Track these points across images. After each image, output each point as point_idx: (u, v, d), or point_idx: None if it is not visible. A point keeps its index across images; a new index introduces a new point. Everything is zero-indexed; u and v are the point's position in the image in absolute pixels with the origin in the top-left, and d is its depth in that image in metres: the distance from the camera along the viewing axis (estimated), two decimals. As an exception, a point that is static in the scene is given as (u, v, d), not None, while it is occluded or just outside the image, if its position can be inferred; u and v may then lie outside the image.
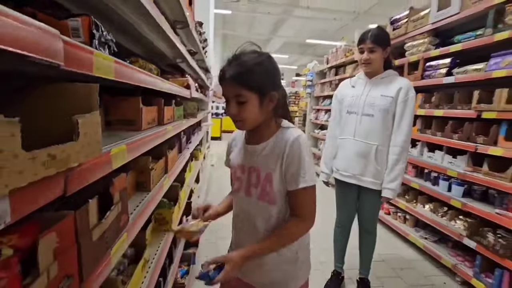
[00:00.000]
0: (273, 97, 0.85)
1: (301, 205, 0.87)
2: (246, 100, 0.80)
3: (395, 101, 1.76)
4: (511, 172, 1.83)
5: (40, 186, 0.35)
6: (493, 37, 1.96)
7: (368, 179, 1.82)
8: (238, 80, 0.79)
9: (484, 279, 1.97)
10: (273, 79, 0.85)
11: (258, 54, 0.84)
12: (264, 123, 0.89)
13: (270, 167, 0.87)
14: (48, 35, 0.37)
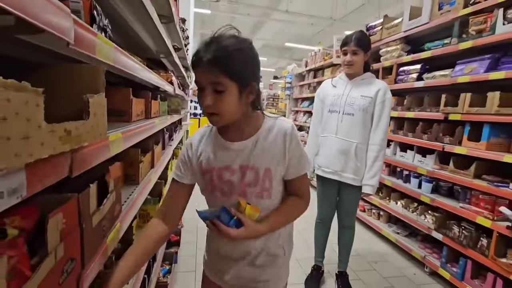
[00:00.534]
0: (254, 88, 0.77)
1: (304, 187, 0.89)
2: (224, 89, 0.71)
3: (373, 102, 1.86)
4: (473, 169, 2.01)
5: (53, 162, 0.35)
6: (458, 46, 2.14)
7: (348, 175, 1.90)
8: (217, 65, 0.69)
9: (450, 269, 2.13)
10: (254, 68, 0.77)
11: (239, 40, 0.74)
12: (244, 117, 0.80)
13: (270, 162, 0.81)
14: (63, 13, 0.37)
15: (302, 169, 0.86)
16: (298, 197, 0.88)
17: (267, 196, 0.83)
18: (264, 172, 0.81)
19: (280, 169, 0.83)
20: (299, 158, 0.84)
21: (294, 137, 0.82)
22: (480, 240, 1.92)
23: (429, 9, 2.41)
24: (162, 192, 1.55)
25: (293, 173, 0.85)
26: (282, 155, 0.82)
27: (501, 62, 1.93)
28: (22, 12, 0.30)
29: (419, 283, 2.24)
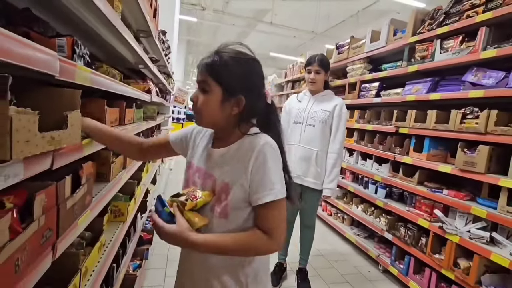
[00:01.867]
0: (240, 101, 0.76)
1: (270, 222, 0.75)
2: (209, 89, 0.75)
3: (332, 115, 2.11)
4: (417, 176, 2.29)
5: (41, 157, 0.52)
6: (407, 68, 2.44)
7: (310, 180, 2.12)
8: (209, 68, 0.75)
9: (397, 265, 2.39)
10: (248, 83, 0.77)
11: (240, 52, 0.77)
12: (227, 128, 0.80)
13: (229, 176, 0.76)
14: (51, 57, 0.55)
15: (263, 196, 0.72)
16: (263, 233, 0.74)
17: (222, 214, 0.76)
18: (220, 185, 0.77)
19: (240, 187, 0.74)
20: (262, 183, 0.73)
21: (262, 154, 0.73)
22: (421, 239, 2.18)
23: (386, 35, 2.73)
24: (135, 191, 1.70)
25: (254, 199, 0.74)
26: (243, 173, 0.74)
27: (440, 84, 2.24)
28: (26, 63, 0.48)
29: (373, 279, 2.47)
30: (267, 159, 0.73)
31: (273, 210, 0.74)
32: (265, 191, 0.73)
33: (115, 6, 1.16)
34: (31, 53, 0.48)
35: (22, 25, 0.73)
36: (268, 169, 0.73)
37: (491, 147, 1.73)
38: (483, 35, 1.84)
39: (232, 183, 0.75)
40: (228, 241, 0.73)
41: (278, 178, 0.75)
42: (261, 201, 0.73)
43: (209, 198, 0.76)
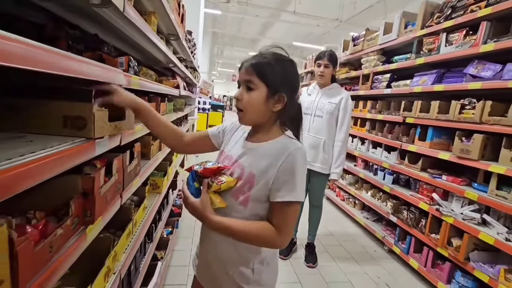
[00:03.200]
0: (282, 98, 0.82)
1: (283, 219, 0.79)
2: (254, 87, 0.80)
3: (338, 107, 2.32)
4: (420, 163, 2.44)
5: (114, 137, 0.85)
6: (415, 61, 2.56)
7: (317, 165, 2.37)
8: (254, 67, 0.81)
9: (400, 245, 2.59)
10: (288, 81, 0.83)
11: (280, 54, 0.84)
12: (266, 125, 0.86)
13: (258, 168, 0.81)
14: (119, 73, 0.88)
15: (283, 195, 0.78)
16: (273, 227, 0.79)
17: (243, 202, 0.82)
18: (248, 175, 0.82)
19: (265, 182, 0.80)
20: (285, 182, 0.78)
21: (292, 157, 0.79)
22: (421, 221, 2.36)
23: (397, 27, 2.83)
24: (167, 170, 2.07)
25: (278, 192, 0.79)
26: (271, 169, 0.79)
27: (445, 76, 2.34)
28: (106, 79, 0.81)
29: (377, 258, 2.70)
30: (296, 163, 0.78)
31: (289, 209, 0.79)
32: (287, 191, 0.77)
33: (152, 23, 1.48)
34: (107, 72, 0.81)
35: (96, 48, 1.07)
36: (295, 172, 0.78)
37: (485, 136, 1.87)
38: (484, 29, 1.94)
39: (258, 176, 0.80)
40: (240, 226, 0.79)
41: (301, 183, 0.79)
42: (281, 198, 0.78)
43: (232, 184, 0.82)
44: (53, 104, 0.68)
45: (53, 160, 0.54)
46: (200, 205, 0.81)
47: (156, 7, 1.57)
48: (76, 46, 1.00)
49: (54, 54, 0.53)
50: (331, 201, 4.00)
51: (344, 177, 3.78)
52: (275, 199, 0.79)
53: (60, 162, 0.56)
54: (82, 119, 0.69)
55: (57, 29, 0.96)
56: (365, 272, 2.42)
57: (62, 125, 0.69)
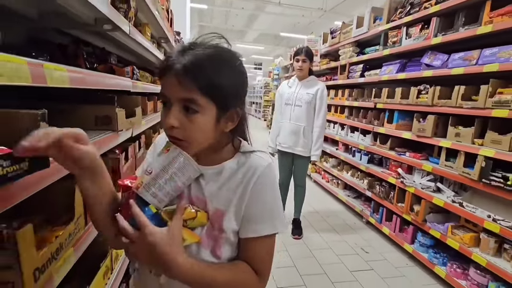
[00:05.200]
0: (236, 114, 0.61)
1: (261, 258, 0.63)
2: (198, 109, 0.55)
3: (315, 97, 2.62)
4: (389, 143, 2.78)
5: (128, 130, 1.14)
6: (382, 52, 2.86)
7: (299, 149, 2.69)
8: (195, 77, 0.52)
9: (375, 216, 2.95)
10: (240, 90, 0.62)
11: (228, 52, 0.59)
12: (217, 146, 0.64)
13: (224, 202, 0.61)
14: (128, 81, 1.16)
15: (261, 228, 0.61)
16: (252, 270, 0.62)
17: (214, 251, 0.61)
18: (213, 212, 0.61)
19: (234, 215, 0.61)
20: (262, 210, 0.62)
21: (263, 180, 0.62)
22: (390, 193, 2.71)
23: (368, 21, 3.11)
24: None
25: (247, 229, 0.61)
26: (241, 197, 0.61)
27: (407, 66, 2.66)
28: (119, 87, 1.10)
29: (356, 228, 3.06)
30: (269, 185, 0.62)
31: (267, 244, 0.63)
32: (265, 223, 0.61)
33: (146, 32, 1.74)
34: (120, 81, 1.09)
35: (105, 60, 1.34)
36: (271, 197, 0.63)
37: (437, 116, 2.20)
38: (434, 24, 2.24)
39: (228, 212, 0.61)
40: (216, 276, 0.57)
41: (279, 208, 0.64)
42: (257, 233, 0.61)
43: (205, 220, 0.60)
44: (88, 107, 0.95)
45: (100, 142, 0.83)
46: (169, 238, 0.51)
47: (149, 18, 1.83)
48: (90, 60, 1.27)
49: (94, 76, 0.81)
50: (317, 183, 4.35)
51: (328, 161, 4.12)
52: (247, 235, 0.61)
53: (104, 145, 0.85)
54: (108, 118, 0.97)
55: (76, 48, 1.22)
56: (344, 240, 2.78)
57: (94, 122, 0.97)
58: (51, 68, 0.55)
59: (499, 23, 1.75)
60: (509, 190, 1.62)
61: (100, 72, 0.86)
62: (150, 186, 0.55)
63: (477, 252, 1.87)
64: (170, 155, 0.56)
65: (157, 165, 0.56)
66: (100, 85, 0.85)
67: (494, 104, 1.74)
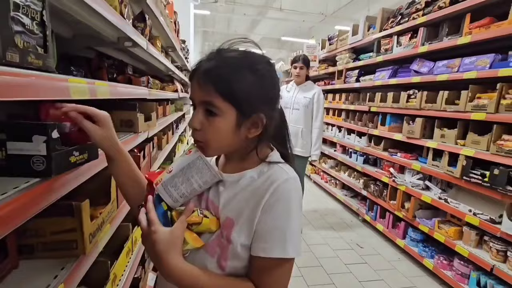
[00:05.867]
0: (260, 120, 0.58)
1: (267, 284, 0.57)
2: (217, 112, 0.55)
3: (312, 101, 2.80)
4: (382, 145, 2.95)
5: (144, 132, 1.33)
6: (376, 59, 3.04)
7: (298, 149, 2.86)
8: (213, 80, 0.54)
9: (370, 214, 3.11)
10: (268, 95, 0.60)
11: (252, 55, 0.59)
12: (241, 151, 0.63)
13: (237, 210, 0.58)
14: (145, 90, 1.35)
15: (270, 248, 0.56)
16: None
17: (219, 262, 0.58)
18: (224, 220, 0.59)
19: (246, 228, 0.57)
20: (274, 227, 0.56)
21: (281, 192, 0.57)
22: (384, 192, 2.87)
23: (362, 30, 3.29)
24: (172, 159, 2.54)
25: (256, 247, 0.57)
26: (254, 209, 0.57)
27: (399, 72, 2.83)
28: (138, 95, 1.29)
29: (352, 226, 3.22)
30: (284, 201, 0.57)
31: (278, 268, 0.57)
32: (275, 242, 0.56)
33: (157, 46, 1.93)
34: (141, 91, 1.28)
35: (123, 71, 1.54)
36: (285, 214, 0.57)
37: (424, 119, 2.37)
38: (422, 33, 2.42)
39: (239, 222, 0.58)
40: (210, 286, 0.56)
41: (294, 230, 0.57)
42: (265, 253, 0.56)
43: (214, 227, 0.59)
44: (114, 113, 1.14)
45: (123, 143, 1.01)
46: (169, 238, 0.53)
47: (160, 32, 2.02)
48: (112, 71, 1.46)
49: (126, 88, 0.99)
50: (317, 184, 4.51)
51: (326, 162, 4.28)
52: (257, 253, 0.57)
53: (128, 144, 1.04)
54: (131, 121, 1.16)
55: (100, 61, 1.42)
56: (340, 237, 2.94)
57: (119, 125, 1.16)
58: (99, 85, 0.73)
59: (476, 34, 1.92)
60: (486, 186, 1.78)
61: (127, 84, 1.04)
62: (167, 184, 0.58)
63: (460, 244, 2.02)
64: (191, 157, 0.59)
65: (177, 165, 0.59)
66: (131, 95, 1.04)
67: (473, 108, 1.90)
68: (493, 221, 1.78)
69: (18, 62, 0.44)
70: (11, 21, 0.42)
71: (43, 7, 0.50)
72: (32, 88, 0.46)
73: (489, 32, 1.85)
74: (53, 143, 0.51)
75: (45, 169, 0.50)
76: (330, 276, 2.28)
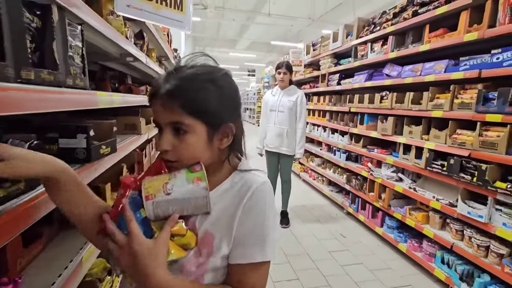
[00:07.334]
0: (229, 129, 0.60)
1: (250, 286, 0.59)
2: (187, 129, 0.55)
3: (296, 103, 3.05)
4: (361, 142, 3.21)
5: (145, 134, 1.54)
6: (354, 64, 3.31)
7: (284, 149, 3.10)
8: (178, 99, 0.54)
9: (352, 206, 3.36)
10: (231, 104, 0.61)
11: (211, 68, 0.60)
12: (212, 164, 0.62)
13: (217, 224, 0.58)
14: (145, 97, 1.57)
15: (249, 254, 0.57)
16: None
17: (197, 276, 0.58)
18: (203, 236, 0.58)
19: (226, 240, 0.58)
20: (251, 234, 0.58)
21: (258, 197, 0.58)
22: (364, 185, 3.13)
23: (342, 37, 3.57)
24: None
25: (235, 254, 0.58)
26: (232, 216, 0.58)
27: (374, 75, 3.11)
28: (139, 102, 1.51)
29: (337, 218, 3.46)
30: (262, 204, 0.59)
31: (258, 273, 0.59)
32: (254, 247, 0.57)
33: (153, 57, 2.15)
34: (143, 99, 1.50)
35: (124, 81, 1.75)
36: (263, 217, 0.58)
37: (395, 118, 2.64)
38: (391, 41, 2.69)
39: (219, 237, 0.58)
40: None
41: (273, 233, 0.60)
42: (246, 259, 0.57)
43: (193, 243, 0.57)
44: (119, 118, 1.36)
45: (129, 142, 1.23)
46: (154, 250, 0.50)
47: (155, 44, 2.24)
48: (114, 82, 1.68)
49: (134, 97, 1.21)
50: (305, 181, 4.76)
51: (314, 160, 4.54)
52: (236, 261, 0.58)
53: (133, 144, 1.26)
54: (134, 125, 1.37)
55: (103, 73, 1.63)
56: (326, 228, 3.18)
57: (124, 129, 1.37)
58: (114, 96, 0.95)
59: (434, 42, 2.20)
60: (445, 175, 2.05)
61: (133, 94, 1.26)
62: (159, 206, 0.53)
63: (427, 227, 2.29)
64: (196, 191, 0.54)
65: (178, 192, 0.53)
66: (136, 103, 1.26)
67: (433, 107, 2.18)
68: (452, 205, 2.05)
69: (72, 85, 0.66)
70: (68, 58, 0.64)
71: (82, 45, 0.72)
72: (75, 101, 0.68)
73: (444, 41, 2.12)
74: (91, 139, 0.73)
75: (85, 158, 0.72)
76: (314, 262, 2.52)
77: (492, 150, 1.74)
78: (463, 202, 1.93)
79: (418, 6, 2.38)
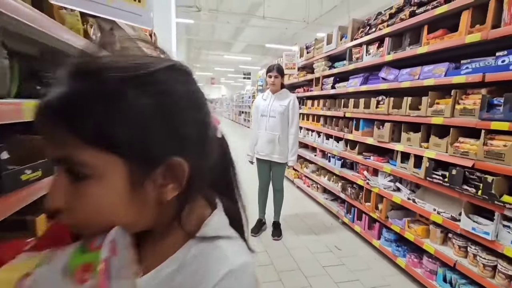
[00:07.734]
0: (179, 169, 0.35)
1: None
2: (89, 172, 0.31)
3: (287, 108, 2.89)
4: (357, 149, 3.06)
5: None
6: (348, 67, 3.17)
7: (276, 156, 2.93)
8: (70, 117, 0.30)
9: (348, 216, 3.20)
10: (183, 123, 0.35)
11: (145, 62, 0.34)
12: (156, 227, 0.38)
13: None
14: None
15: None
16: None
17: None
18: None
19: None
20: None
21: None
22: (360, 194, 2.98)
23: (336, 39, 3.44)
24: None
25: None
26: None
27: (369, 79, 2.97)
28: None
29: (332, 228, 3.30)
30: None
31: None
32: None
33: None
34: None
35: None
36: None
37: (392, 124, 2.49)
38: (387, 43, 2.56)
39: None
40: None
41: None
42: None
43: None
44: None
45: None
46: None
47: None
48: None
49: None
50: (299, 188, 4.59)
51: (308, 166, 4.38)
52: None
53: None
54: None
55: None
56: (320, 240, 3.01)
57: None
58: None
59: (433, 44, 2.06)
60: (446, 186, 1.89)
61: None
62: None
63: (428, 242, 2.13)
64: None
65: None
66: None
67: (433, 113, 2.03)
68: (454, 219, 1.89)
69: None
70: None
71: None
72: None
73: (443, 43, 1.99)
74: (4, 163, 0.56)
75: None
76: (307, 279, 2.34)
77: (498, 160, 1.59)
78: (467, 216, 1.77)
79: (416, 6, 2.25)
